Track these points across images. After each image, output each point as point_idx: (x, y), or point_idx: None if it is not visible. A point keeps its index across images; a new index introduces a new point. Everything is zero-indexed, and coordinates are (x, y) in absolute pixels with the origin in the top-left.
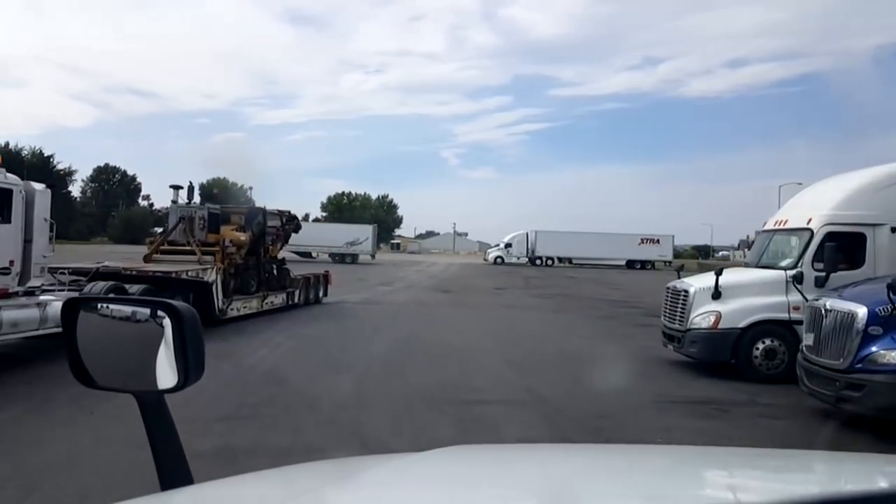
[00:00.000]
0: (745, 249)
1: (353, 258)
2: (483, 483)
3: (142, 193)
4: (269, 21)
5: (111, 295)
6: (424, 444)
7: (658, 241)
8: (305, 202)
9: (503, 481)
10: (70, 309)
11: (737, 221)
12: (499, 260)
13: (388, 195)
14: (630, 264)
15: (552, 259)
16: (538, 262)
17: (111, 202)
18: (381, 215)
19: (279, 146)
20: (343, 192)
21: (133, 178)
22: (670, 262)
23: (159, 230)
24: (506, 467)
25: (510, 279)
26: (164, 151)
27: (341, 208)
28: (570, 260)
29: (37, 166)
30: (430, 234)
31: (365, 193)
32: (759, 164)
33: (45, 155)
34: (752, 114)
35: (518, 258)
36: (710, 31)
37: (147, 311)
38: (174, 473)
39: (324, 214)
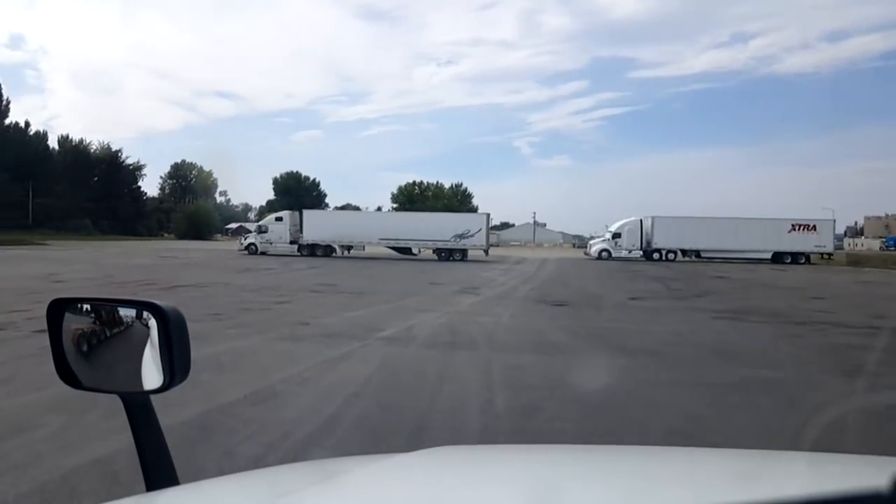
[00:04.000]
0: (859, 237)
1: (463, 254)
2: (468, 484)
3: (218, 189)
4: (346, 19)
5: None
6: None
7: (814, 227)
8: (378, 196)
9: (488, 482)
10: (55, 310)
11: (837, 206)
12: (604, 254)
13: (461, 183)
14: (777, 257)
15: (674, 252)
16: (656, 255)
17: (187, 198)
18: (455, 205)
19: (354, 142)
20: (414, 182)
21: (210, 173)
22: (830, 255)
23: (233, 226)
24: (491, 468)
25: (639, 283)
26: (246, 150)
27: (412, 198)
28: (697, 253)
29: (105, 160)
30: (505, 225)
31: (437, 182)
32: (863, 145)
33: (114, 150)
34: (853, 90)
35: (629, 251)
36: (807, 2)
37: (133, 311)
38: (160, 474)
39: (394, 206)
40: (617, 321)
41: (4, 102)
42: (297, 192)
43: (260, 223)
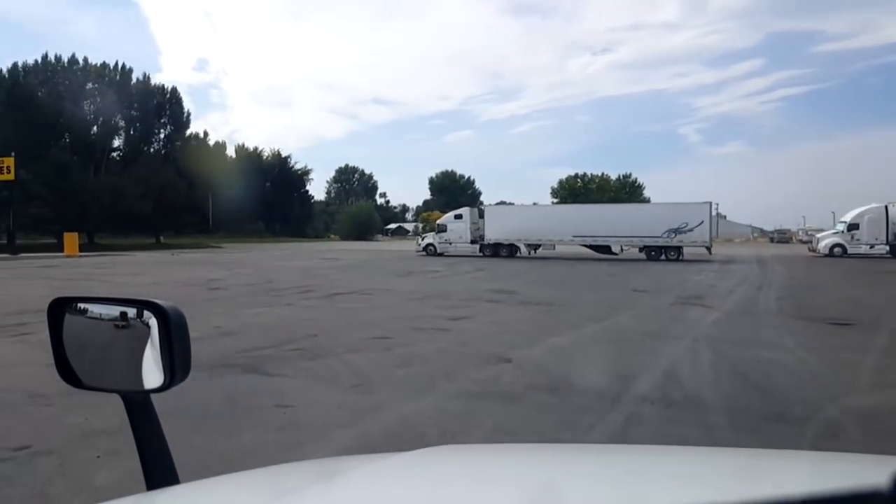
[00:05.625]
0: None
1: (678, 252)
2: (468, 483)
3: (378, 191)
4: (495, 16)
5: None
6: None
7: None
8: (535, 192)
9: (489, 481)
10: (56, 308)
11: None
12: (837, 249)
13: (630, 174)
14: None
15: None
16: None
17: (350, 200)
18: (623, 198)
19: (507, 139)
20: (576, 174)
21: (370, 176)
22: None
23: (392, 226)
24: (492, 467)
25: None
26: (403, 153)
27: (575, 193)
28: None
29: (275, 166)
30: None
31: (603, 174)
32: None
33: (283, 156)
34: None
35: (871, 246)
36: None
37: (133, 310)
38: (160, 473)
39: (554, 201)
40: None
41: (186, 115)
42: (453, 191)
43: (438, 222)
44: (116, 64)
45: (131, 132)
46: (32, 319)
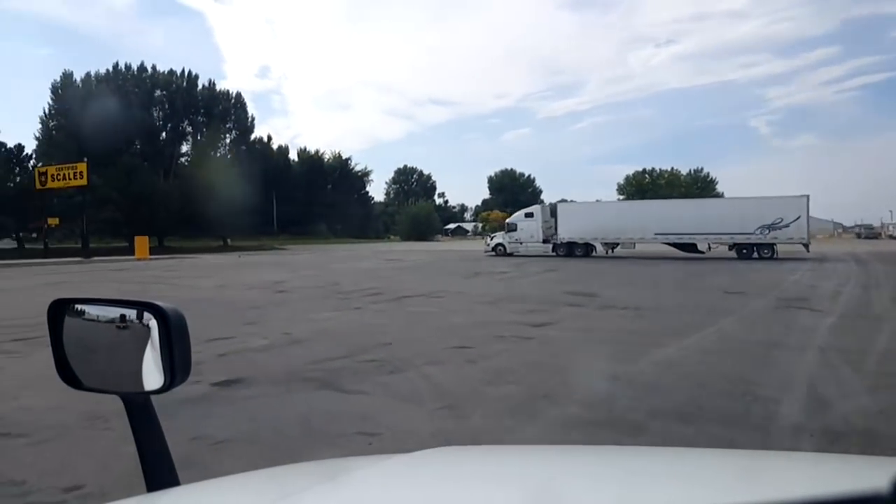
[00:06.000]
0: None
1: (771, 250)
2: (470, 484)
3: (437, 191)
4: (552, 11)
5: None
6: None
7: None
8: (597, 189)
9: (490, 482)
10: (56, 310)
11: None
12: None
13: (701, 168)
14: None
15: None
16: None
17: (410, 200)
18: (694, 193)
19: (566, 136)
20: (644, 170)
21: (429, 176)
22: None
23: (452, 226)
24: (493, 468)
25: None
26: (460, 153)
27: (643, 189)
28: None
29: (336, 168)
30: None
31: (672, 169)
32: None
33: (344, 158)
34: None
35: None
36: None
37: (133, 312)
38: (161, 474)
39: (620, 197)
40: None
41: (250, 121)
42: (512, 190)
43: (508, 221)
44: (183, 71)
45: (198, 137)
46: None
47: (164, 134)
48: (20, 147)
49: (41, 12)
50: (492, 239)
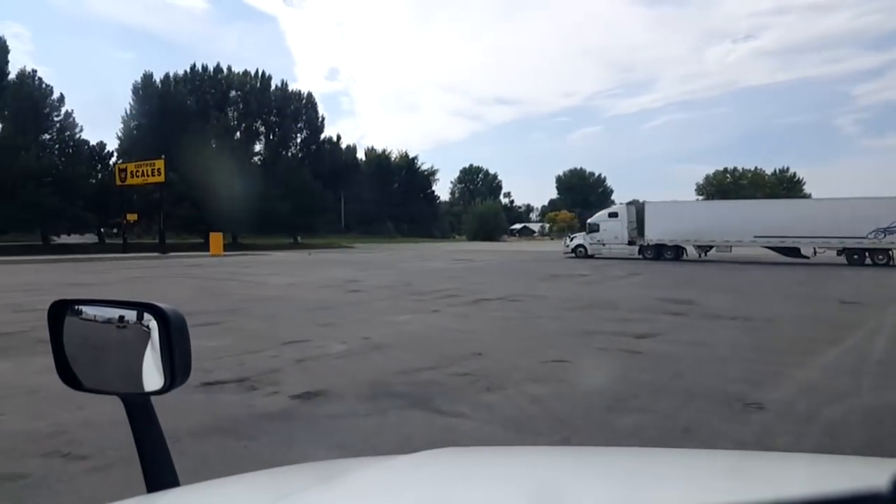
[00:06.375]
0: None
1: (887, 256)
2: (469, 484)
3: (503, 191)
4: (624, 7)
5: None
6: None
7: None
8: (671, 190)
9: (490, 483)
10: (56, 311)
11: None
12: None
13: (787, 168)
14: None
15: None
16: None
17: (476, 200)
18: (779, 194)
19: (637, 135)
20: (725, 169)
21: (494, 176)
22: None
23: (518, 226)
24: (492, 469)
25: None
26: (526, 152)
27: (723, 189)
28: None
29: (403, 167)
30: None
31: (756, 168)
32: None
33: (410, 157)
34: None
35: None
36: None
37: (133, 313)
38: (160, 475)
39: (699, 198)
40: None
41: (321, 120)
42: (581, 189)
43: (589, 221)
44: (257, 71)
45: (270, 137)
46: None
47: (238, 133)
48: (102, 145)
49: (125, 19)
50: (571, 240)
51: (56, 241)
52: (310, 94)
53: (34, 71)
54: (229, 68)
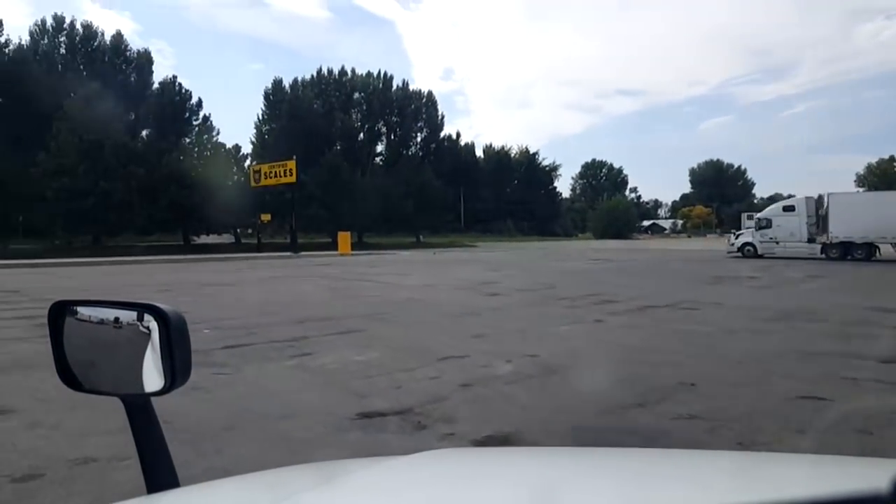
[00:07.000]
0: None
1: None
2: (469, 485)
3: (629, 186)
4: None
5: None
6: None
7: None
8: (818, 182)
9: (489, 484)
10: (56, 312)
11: None
12: None
13: None
14: None
15: None
16: None
17: (601, 196)
18: None
19: (775, 123)
20: (892, 157)
21: (619, 170)
22: None
23: (646, 223)
24: (492, 470)
25: None
26: (651, 145)
27: (889, 180)
28: None
29: (523, 163)
30: None
31: None
32: None
33: (531, 152)
34: None
35: None
36: None
37: (133, 314)
38: (160, 476)
39: (859, 190)
40: None
41: (440, 118)
42: (718, 183)
43: (758, 216)
44: (379, 72)
45: (392, 137)
46: (314, 332)
47: (361, 135)
48: (237, 147)
49: (255, 33)
50: (737, 237)
51: (196, 242)
52: (430, 93)
53: (174, 77)
54: (353, 70)
